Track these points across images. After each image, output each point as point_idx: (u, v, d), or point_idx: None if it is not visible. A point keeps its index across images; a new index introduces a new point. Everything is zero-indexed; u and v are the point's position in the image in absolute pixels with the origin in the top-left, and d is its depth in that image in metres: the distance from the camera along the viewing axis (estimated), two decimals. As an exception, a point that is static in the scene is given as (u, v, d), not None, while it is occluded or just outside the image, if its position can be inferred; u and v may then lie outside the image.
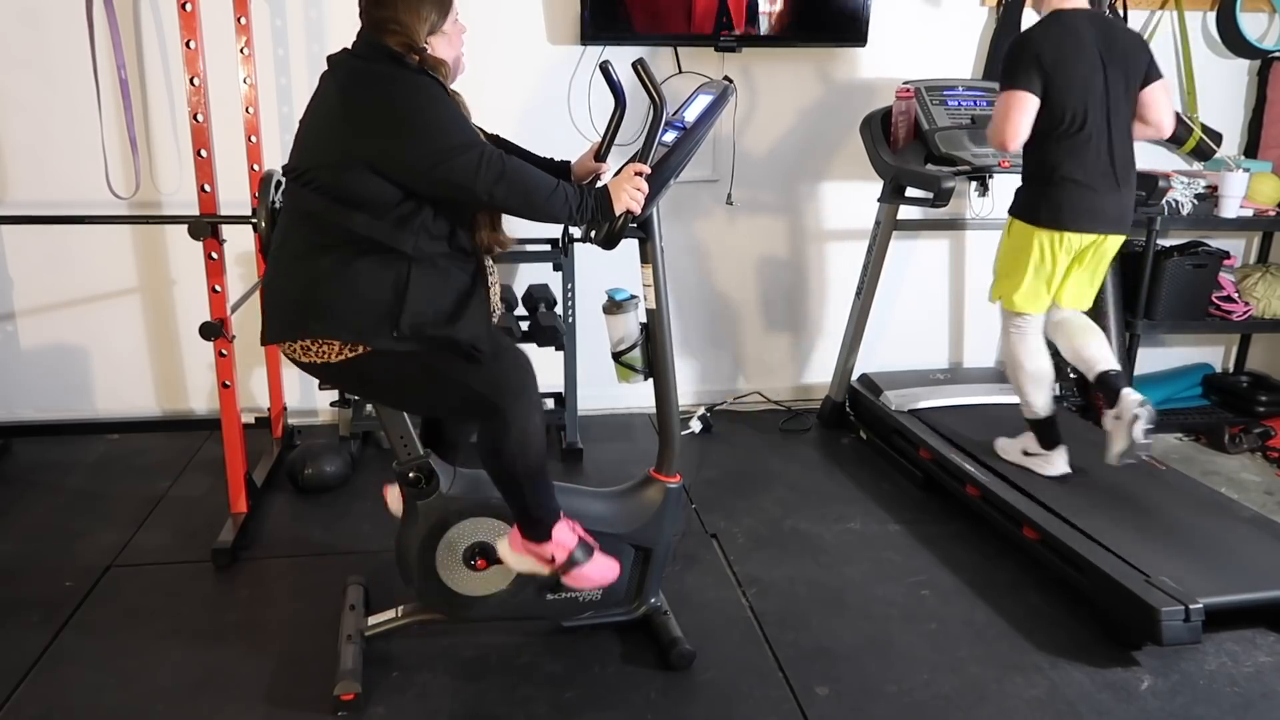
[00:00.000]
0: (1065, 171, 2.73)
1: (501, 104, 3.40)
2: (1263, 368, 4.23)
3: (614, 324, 2.26)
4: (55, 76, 3.30)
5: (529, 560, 2.13)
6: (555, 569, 2.12)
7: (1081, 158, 2.72)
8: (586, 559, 2.13)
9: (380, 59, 1.90)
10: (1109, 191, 2.75)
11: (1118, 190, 2.76)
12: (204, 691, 2.20)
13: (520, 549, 2.12)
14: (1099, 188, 2.73)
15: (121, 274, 3.55)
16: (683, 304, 3.90)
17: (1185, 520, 2.74)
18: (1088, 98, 2.68)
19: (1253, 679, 2.31)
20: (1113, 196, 2.76)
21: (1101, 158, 2.72)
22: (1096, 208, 2.75)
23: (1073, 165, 2.72)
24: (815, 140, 3.80)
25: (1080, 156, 2.72)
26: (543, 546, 2.10)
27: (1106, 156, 2.72)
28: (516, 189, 1.91)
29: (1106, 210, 2.76)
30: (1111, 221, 2.78)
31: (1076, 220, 2.76)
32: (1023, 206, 2.86)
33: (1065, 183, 2.73)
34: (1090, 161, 2.72)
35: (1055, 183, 2.75)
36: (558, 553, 2.10)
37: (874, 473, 3.42)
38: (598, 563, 2.15)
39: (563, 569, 2.11)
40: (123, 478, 3.26)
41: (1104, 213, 2.76)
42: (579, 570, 2.12)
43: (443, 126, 1.86)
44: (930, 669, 2.33)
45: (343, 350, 1.93)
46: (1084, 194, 2.73)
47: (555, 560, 2.11)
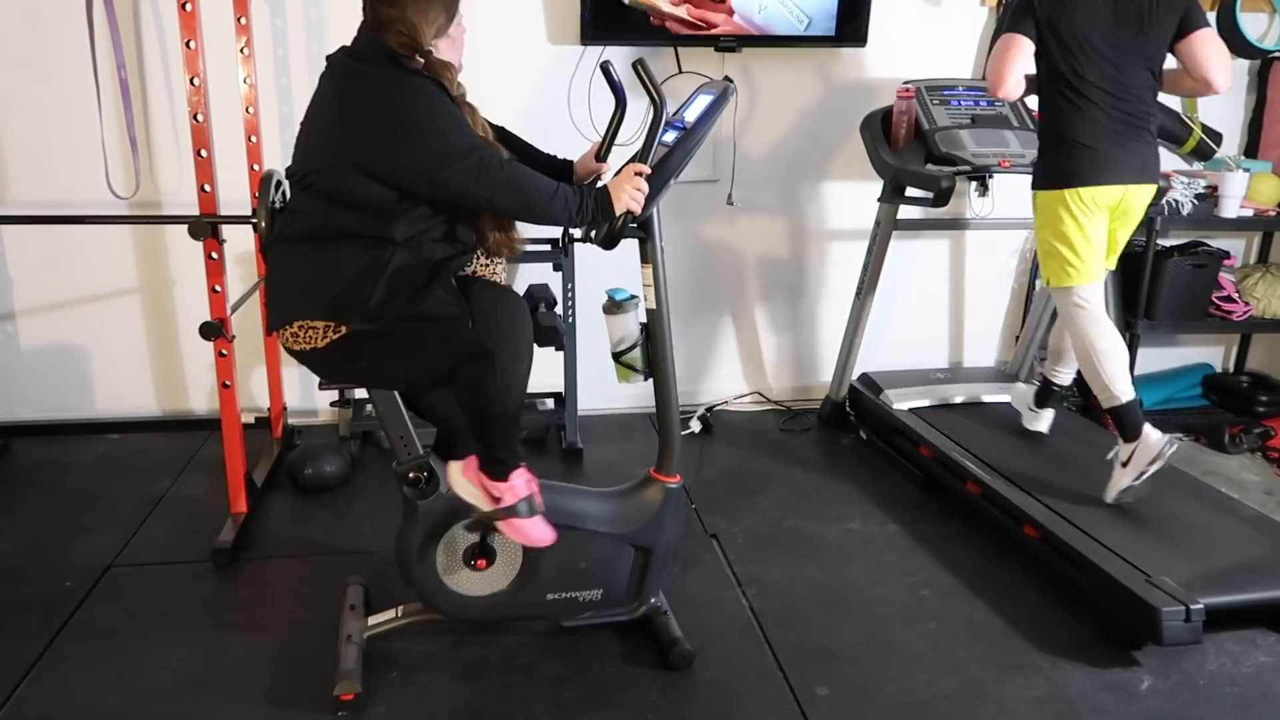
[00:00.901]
0: (1073, 132, 2.69)
1: (502, 104, 3.35)
2: (1263, 368, 4.23)
3: (614, 324, 2.26)
4: (55, 76, 3.30)
5: (475, 491, 2.10)
6: (495, 509, 2.09)
7: (1089, 115, 2.67)
8: (529, 514, 2.09)
9: (379, 60, 1.89)
10: (1123, 143, 2.68)
11: (1136, 140, 2.70)
12: (204, 691, 2.20)
13: (473, 476, 2.10)
14: (1111, 142, 2.68)
15: (121, 274, 3.55)
16: (683, 304, 3.89)
17: (1185, 520, 2.74)
18: (1091, 51, 2.64)
19: (1253, 679, 2.31)
20: (1130, 147, 2.69)
21: (1110, 113, 2.66)
22: (1112, 160, 2.68)
23: (1079, 124, 2.68)
24: (815, 140, 3.80)
25: (1087, 114, 2.67)
26: (495, 484, 2.07)
27: (1117, 111, 2.66)
28: (516, 194, 1.91)
29: (1125, 161, 2.69)
30: (1132, 171, 2.70)
31: (1097, 173, 2.68)
32: (1041, 176, 2.81)
33: (1075, 143, 2.69)
34: (1098, 118, 2.67)
35: (1066, 145, 2.71)
36: (506, 495, 2.07)
37: (874, 473, 3.42)
38: (536, 524, 2.11)
39: (502, 513, 2.08)
40: (123, 478, 3.26)
41: (1122, 164, 2.69)
42: (517, 521, 2.08)
43: (441, 131, 1.86)
44: (930, 669, 2.33)
45: (325, 333, 1.94)
46: (1096, 150, 2.68)
47: (500, 501, 2.07)
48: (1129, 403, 2.73)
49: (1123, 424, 2.74)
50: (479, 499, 2.11)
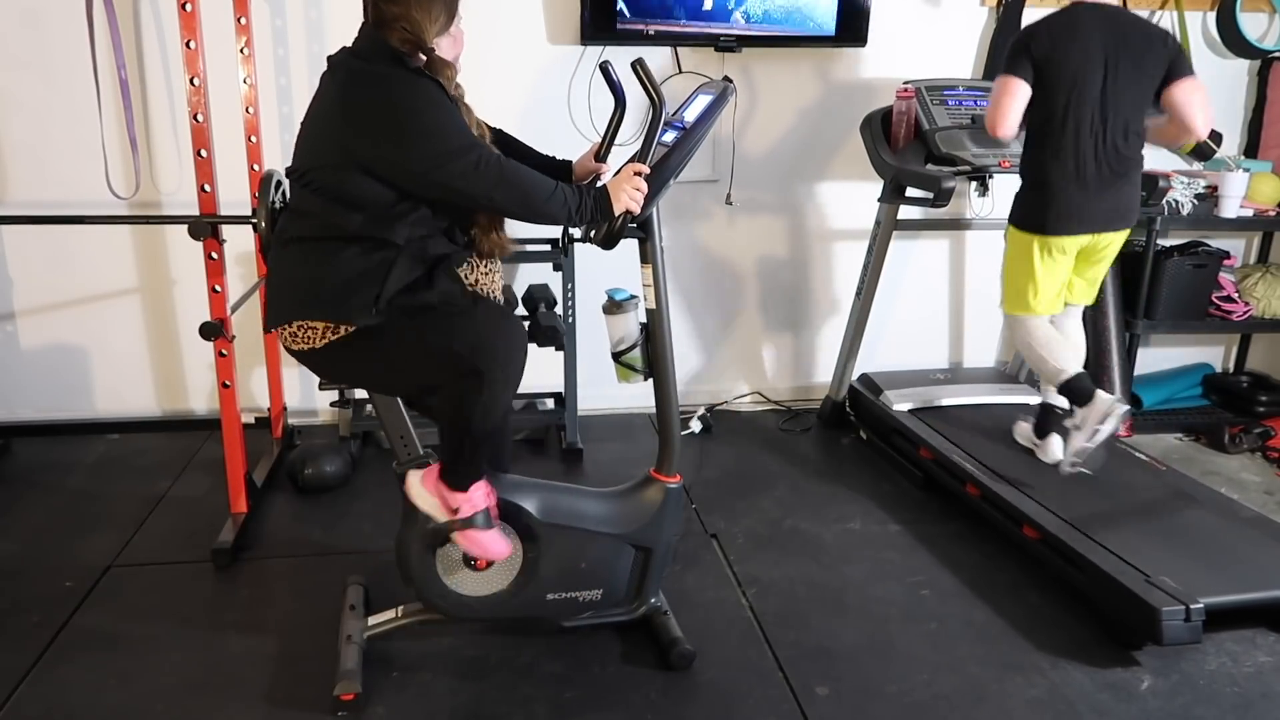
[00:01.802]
0: (1052, 174, 2.74)
1: (501, 104, 3.39)
2: (1263, 368, 4.23)
3: (614, 324, 2.26)
4: (55, 76, 3.30)
5: (433, 501, 2.10)
6: (451, 520, 2.08)
7: (1069, 158, 2.72)
8: (485, 526, 2.09)
9: (381, 58, 1.90)
10: (1100, 190, 2.74)
11: (1111, 187, 2.75)
12: (204, 691, 2.20)
13: (431, 487, 2.09)
14: (1088, 187, 2.73)
15: (121, 274, 3.55)
16: (683, 304, 3.90)
17: (1185, 520, 2.74)
18: (1077, 94, 2.67)
19: (1253, 679, 2.31)
20: (1105, 194, 2.75)
21: (1089, 157, 2.71)
22: (1085, 209, 2.75)
23: (1059, 166, 2.73)
24: (815, 140, 3.80)
25: (1067, 156, 2.72)
26: (454, 494, 2.07)
27: (1098, 156, 2.71)
28: (515, 192, 1.91)
29: (1096, 209, 2.76)
30: (1102, 221, 2.78)
31: (1064, 224, 2.77)
32: (1017, 213, 2.89)
33: (1052, 185, 2.75)
34: (1079, 161, 2.71)
35: (1043, 186, 2.77)
36: (464, 506, 2.07)
37: (874, 473, 3.42)
38: (493, 535, 2.11)
39: (459, 524, 2.08)
40: (123, 478, 3.26)
41: (1093, 212, 2.76)
42: (473, 533, 2.08)
43: (441, 130, 1.86)
44: (930, 669, 2.33)
45: (325, 333, 1.95)
46: (1071, 196, 2.73)
47: (457, 512, 2.07)
48: (1077, 375, 2.87)
49: (1075, 395, 2.86)
50: (436, 509, 2.11)
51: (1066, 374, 2.86)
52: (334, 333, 1.95)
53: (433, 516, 2.12)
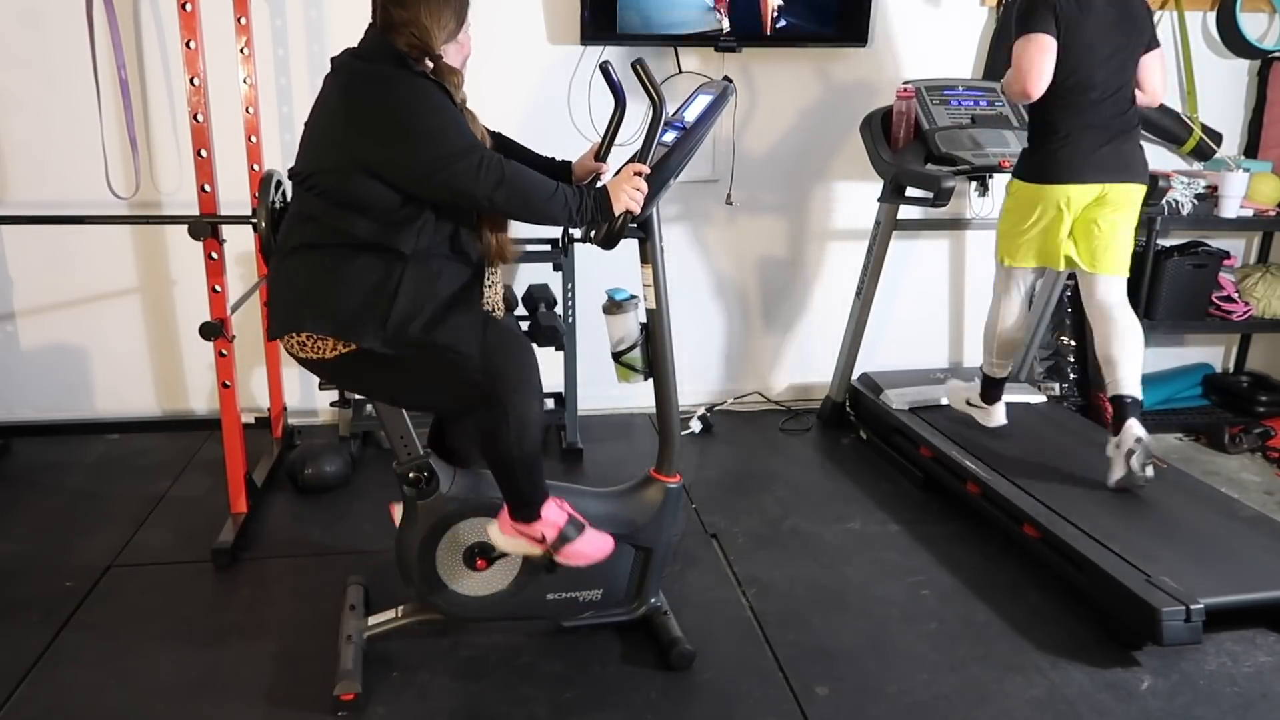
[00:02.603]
0: (1065, 128, 2.78)
1: (501, 104, 3.39)
2: (1263, 368, 4.23)
3: (614, 324, 2.26)
4: (55, 76, 3.30)
5: (520, 541, 2.12)
6: (547, 548, 2.10)
7: (1083, 114, 2.76)
8: (577, 535, 2.11)
9: (385, 60, 1.90)
10: (1109, 142, 2.78)
11: (1117, 142, 2.79)
12: (204, 691, 2.20)
13: (510, 530, 2.11)
14: (1099, 140, 2.78)
15: (121, 274, 3.55)
16: (683, 304, 3.89)
17: (1185, 520, 2.74)
18: (1093, 57, 2.72)
19: (1253, 679, 2.31)
20: (1113, 145, 2.79)
21: (1103, 114, 2.77)
22: (1093, 160, 2.78)
23: (1073, 122, 2.77)
24: (815, 140, 3.80)
25: (1081, 113, 2.76)
26: (532, 526, 2.09)
27: (1106, 113, 2.77)
28: (516, 193, 1.91)
29: (1106, 160, 2.79)
30: (1111, 170, 2.80)
31: (1072, 173, 2.79)
32: (1025, 167, 2.92)
33: (1064, 141, 2.79)
34: (1091, 117, 2.76)
35: (1055, 141, 2.80)
36: (548, 531, 2.09)
37: (874, 473, 3.42)
38: (589, 538, 2.13)
39: (554, 546, 2.10)
40: (123, 478, 3.26)
41: (1103, 163, 2.79)
42: (571, 546, 2.10)
43: (443, 131, 1.86)
44: (930, 669, 2.33)
45: (335, 346, 1.94)
46: (1083, 148, 2.78)
47: (546, 539, 2.09)
48: (1000, 379, 3.26)
49: (987, 390, 3.30)
50: (526, 547, 2.13)
51: (995, 375, 3.24)
52: (345, 347, 1.94)
53: (530, 555, 2.14)
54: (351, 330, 1.92)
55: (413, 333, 1.93)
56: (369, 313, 1.91)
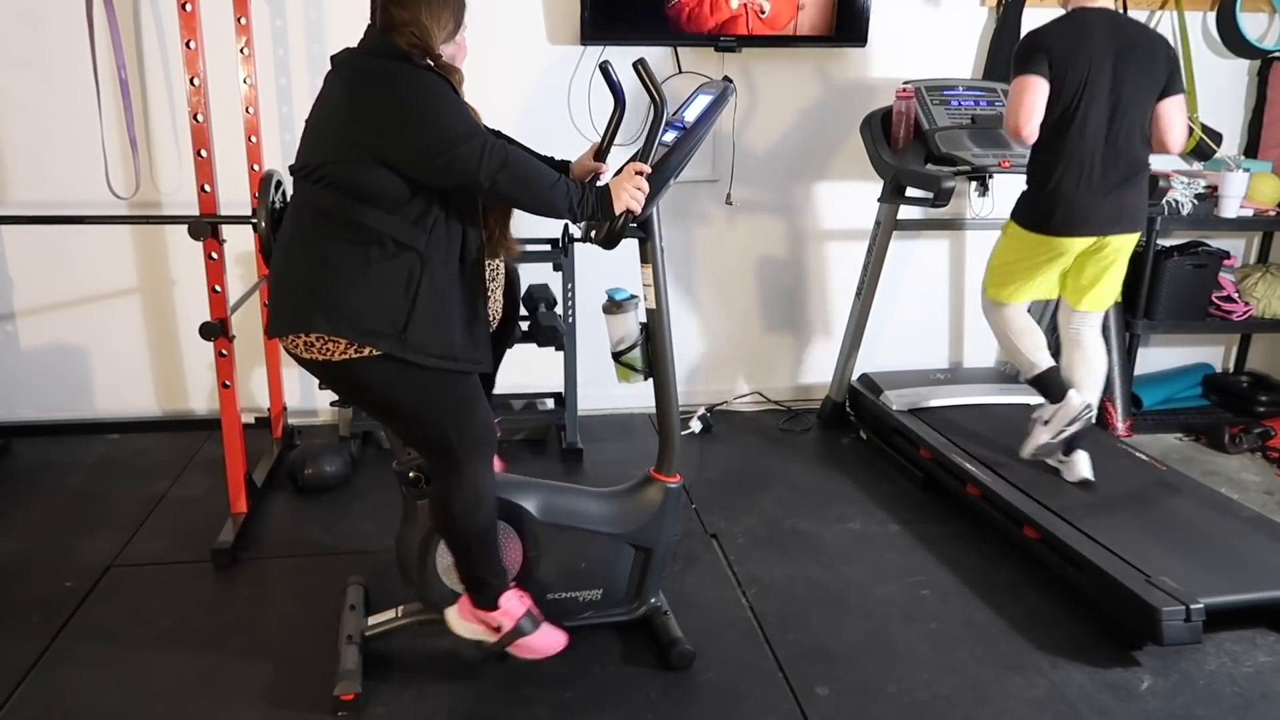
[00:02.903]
0: (1059, 175, 2.74)
1: (501, 104, 3.39)
2: (1263, 368, 4.23)
3: (614, 324, 2.26)
4: (55, 76, 3.30)
5: (476, 628, 2.15)
6: (501, 638, 2.13)
7: (1077, 159, 2.72)
8: (533, 629, 2.15)
9: (387, 55, 1.90)
10: (1107, 193, 2.74)
11: (1118, 190, 2.74)
12: (204, 691, 2.20)
13: (469, 616, 2.15)
14: (1095, 190, 2.73)
15: (121, 274, 3.55)
16: (683, 304, 3.90)
17: (1185, 520, 2.74)
18: (1087, 97, 2.68)
19: (1253, 679, 2.31)
20: (1111, 197, 2.74)
21: (1098, 160, 2.71)
22: (1092, 210, 2.74)
23: (1067, 168, 2.73)
24: (815, 140, 3.80)
25: (1076, 158, 2.72)
26: (489, 614, 2.12)
27: (1105, 158, 2.71)
28: (519, 178, 1.91)
29: (1102, 211, 2.75)
30: (1108, 222, 2.77)
31: (1069, 226, 2.77)
32: (1021, 212, 2.89)
33: (1059, 187, 2.74)
34: (1086, 163, 2.72)
35: (1050, 187, 2.76)
36: (504, 621, 2.12)
37: (874, 473, 3.42)
38: (545, 633, 2.16)
39: (508, 638, 2.13)
40: (123, 478, 3.26)
41: (1099, 214, 2.76)
42: (526, 640, 2.14)
43: (447, 117, 1.87)
44: (930, 669, 2.33)
45: (347, 350, 1.92)
46: (1078, 198, 2.73)
47: (501, 629, 2.12)
48: (1048, 369, 2.96)
49: (1047, 389, 2.97)
50: (482, 634, 2.16)
51: (1038, 368, 2.95)
52: (357, 351, 1.91)
53: (483, 641, 2.17)
54: (370, 334, 1.90)
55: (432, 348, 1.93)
56: (389, 317, 1.90)
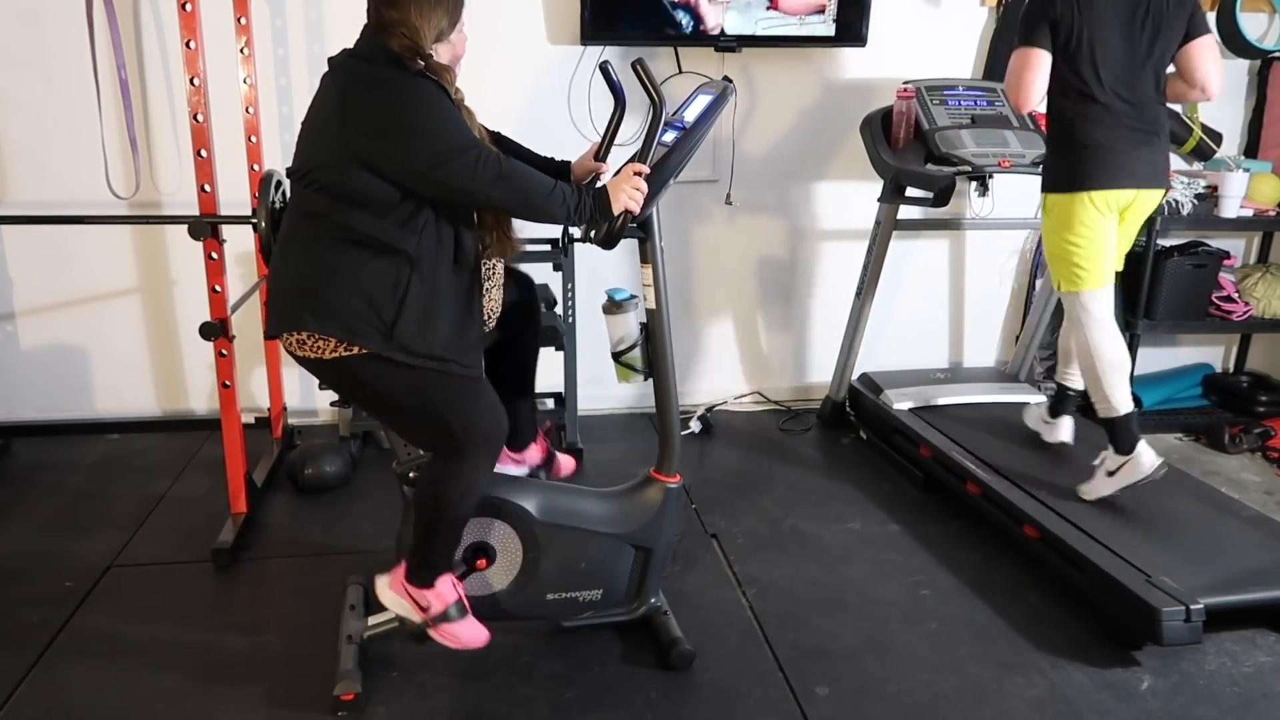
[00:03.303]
0: (1087, 134, 2.66)
1: (501, 104, 3.39)
2: (1263, 368, 4.23)
3: (614, 324, 2.26)
4: (55, 76, 3.30)
5: (404, 603, 2.13)
6: (426, 618, 2.11)
7: (1101, 119, 2.65)
8: (459, 618, 2.12)
9: (381, 61, 1.90)
10: (1136, 148, 2.67)
11: (1146, 146, 2.68)
12: (204, 691, 2.20)
13: (399, 589, 2.13)
14: (1123, 146, 2.66)
15: (121, 274, 3.55)
16: (683, 304, 3.90)
17: (1185, 520, 2.74)
18: (1105, 57, 2.62)
19: (1253, 679, 2.31)
20: (1141, 152, 2.67)
21: (1123, 118, 2.65)
22: (1126, 165, 2.66)
23: (1093, 127, 2.66)
24: (815, 140, 3.80)
25: (1100, 118, 2.65)
26: (422, 592, 2.10)
27: (1129, 117, 2.65)
28: (514, 190, 1.91)
29: (1136, 167, 2.68)
30: (1143, 177, 2.69)
31: (1111, 178, 2.66)
32: (1055, 178, 2.77)
33: (1089, 145, 2.66)
34: (1111, 122, 2.65)
35: (1079, 147, 2.68)
36: (435, 602, 2.10)
37: (874, 473, 3.42)
38: (469, 625, 2.13)
39: (433, 620, 2.11)
40: (123, 478, 3.26)
41: (1134, 169, 2.67)
42: (449, 626, 2.11)
43: (440, 128, 1.86)
44: (930, 669, 2.33)
45: (337, 348, 1.94)
46: (1110, 154, 2.65)
47: (429, 610, 2.10)
48: (1127, 415, 2.72)
49: (1118, 436, 2.74)
50: (407, 610, 2.13)
51: (1116, 412, 2.71)
52: (346, 349, 1.94)
53: (406, 618, 2.14)
54: (357, 333, 1.92)
55: (420, 345, 1.93)
56: (376, 316, 1.91)
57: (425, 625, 2.12)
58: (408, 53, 1.90)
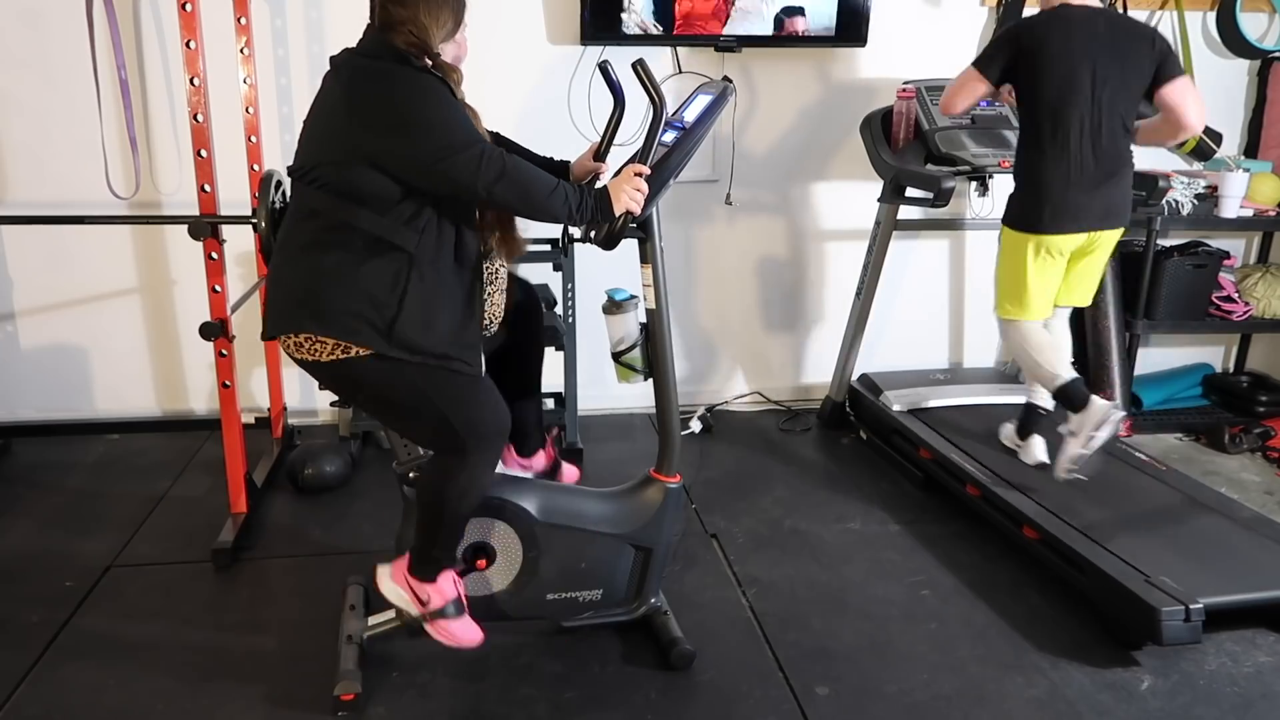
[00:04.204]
0: (1046, 174, 2.74)
1: (501, 104, 3.39)
2: (1263, 368, 4.23)
3: (614, 324, 2.26)
4: (55, 76, 3.30)
5: (403, 594, 2.13)
6: (423, 613, 2.11)
7: (1062, 157, 2.71)
8: (456, 615, 2.12)
9: (386, 57, 1.90)
10: (1094, 188, 2.73)
11: (1103, 186, 2.74)
12: (204, 691, 2.20)
13: (400, 580, 2.13)
14: (1083, 186, 2.72)
15: (121, 274, 3.55)
16: (683, 304, 3.90)
17: (1185, 520, 2.74)
18: (1069, 92, 2.67)
19: (1253, 679, 2.31)
20: (1099, 193, 2.74)
21: (1085, 156, 2.70)
22: (1081, 206, 2.74)
23: (1053, 166, 2.72)
24: (815, 140, 3.80)
25: (1060, 156, 2.71)
26: (423, 586, 2.10)
27: (1090, 155, 2.70)
28: (516, 187, 1.91)
29: (1091, 208, 2.75)
30: (1098, 218, 2.77)
31: (1059, 222, 2.76)
32: (1010, 213, 2.88)
33: (1046, 184, 2.74)
34: (1072, 160, 2.70)
35: (1038, 186, 2.76)
36: (434, 597, 2.10)
37: (874, 473, 3.42)
38: (465, 623, 2.13)
39: (430, 615, 2.11)
40: (123, 478, 3.26)
41: (1088, 210, 2.75)
42: (445, 622, 2.11)
43: (445, 124, 1.87)
44: (930, 669, 2.33)
45: (334, 350, 1.93)
46: (1067, 195, 2.72)
47: (428, 604, 2.10)
48: (1071, 381, 2.83)
49: (1071, 399, 2.82)
50: (406, 602, 2.13)
51: (1061, 379, 2.83)
52: (344, 351, 1.93)
53: (403, 609, 2.14)
54: (355, 334, 1.91)
55: (422, 343, 1.93)
56: (375, 317, 1.91)
57: (422, 619, 2.12)
58: (414, 51, 1.90)
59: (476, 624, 2.15)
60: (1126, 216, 2.84)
